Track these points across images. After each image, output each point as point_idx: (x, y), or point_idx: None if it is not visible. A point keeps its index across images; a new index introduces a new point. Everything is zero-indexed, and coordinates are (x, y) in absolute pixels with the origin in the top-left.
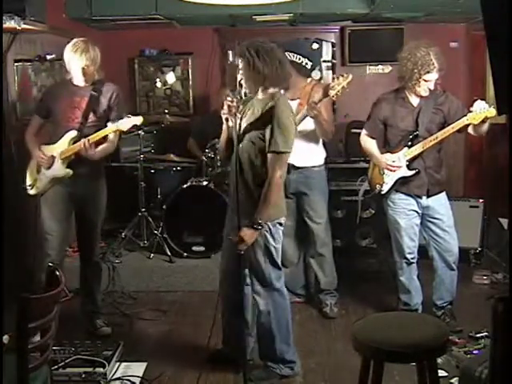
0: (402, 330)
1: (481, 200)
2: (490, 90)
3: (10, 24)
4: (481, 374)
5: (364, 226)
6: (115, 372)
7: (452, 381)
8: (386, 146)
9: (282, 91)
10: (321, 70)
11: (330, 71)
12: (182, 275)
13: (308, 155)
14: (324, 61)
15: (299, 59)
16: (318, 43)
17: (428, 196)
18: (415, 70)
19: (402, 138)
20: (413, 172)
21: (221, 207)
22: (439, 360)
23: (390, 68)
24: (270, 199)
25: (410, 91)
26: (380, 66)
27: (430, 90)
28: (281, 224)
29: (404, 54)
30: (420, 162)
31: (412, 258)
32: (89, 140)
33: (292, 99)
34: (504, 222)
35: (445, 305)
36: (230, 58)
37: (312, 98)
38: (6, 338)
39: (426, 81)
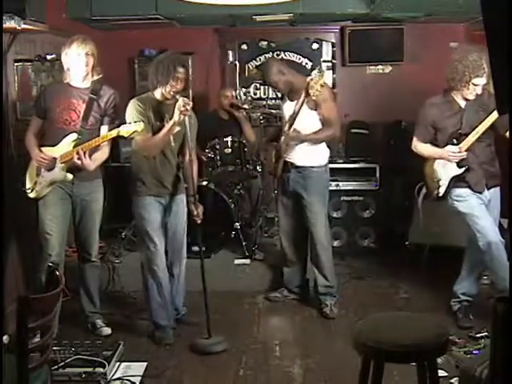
0: (402, 330)
1: None
2: (490, 90)
3: (10, 24)
4: (481, 374)
5: (364, 226)
6: (115, 372)
7: (452, 381)
8: None
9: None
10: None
11: (330, 71)
12: None
13: (308, 154)
14: (324, 61)
15: (299, 59)
16: (318, 43)
17: (488, 188)
18: (466, 73)
19: (449, 139)
20: (463, 169)
21: (221, 207)
22: (439, 360)
23: (390, 68)
24: None
25: (458, 94)
26: (380, 66)
27: (477, 94)
28: None
29: (456, 56)
30: (474, 159)
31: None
32: (82, 149)
33: (291, 100)
34: (504, 221)
35: (463, 298)
36: (230, 58)
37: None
38: (5, 338)
39: (474, 85)
